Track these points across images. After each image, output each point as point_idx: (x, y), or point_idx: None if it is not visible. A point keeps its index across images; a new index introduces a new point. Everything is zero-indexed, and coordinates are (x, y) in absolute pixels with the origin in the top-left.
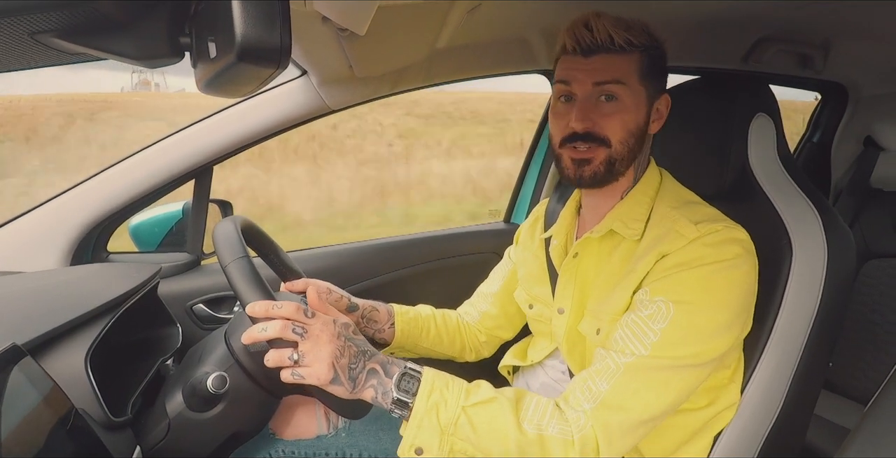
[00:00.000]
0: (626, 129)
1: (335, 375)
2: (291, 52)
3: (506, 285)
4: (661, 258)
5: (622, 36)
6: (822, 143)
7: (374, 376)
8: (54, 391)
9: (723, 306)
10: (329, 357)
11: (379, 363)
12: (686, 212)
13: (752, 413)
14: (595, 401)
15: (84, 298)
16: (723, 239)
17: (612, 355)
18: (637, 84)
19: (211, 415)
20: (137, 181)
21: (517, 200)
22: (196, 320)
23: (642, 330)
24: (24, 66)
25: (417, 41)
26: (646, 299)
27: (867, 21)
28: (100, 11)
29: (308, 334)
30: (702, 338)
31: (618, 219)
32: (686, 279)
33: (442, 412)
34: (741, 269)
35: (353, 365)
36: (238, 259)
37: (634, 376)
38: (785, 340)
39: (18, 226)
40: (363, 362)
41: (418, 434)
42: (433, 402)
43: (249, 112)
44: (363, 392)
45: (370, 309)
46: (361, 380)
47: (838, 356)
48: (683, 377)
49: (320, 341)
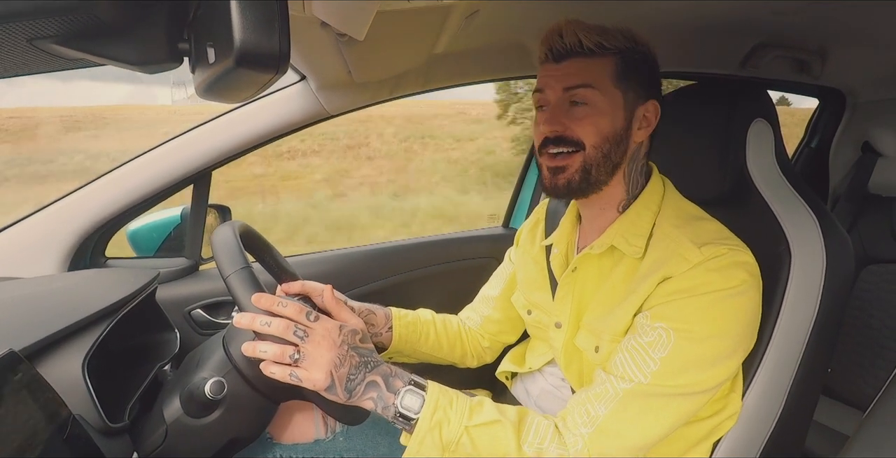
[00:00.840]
0: (600, 133)
1: (332, 383)
2: (290, 58)
3: (507, 289)
4: (664, 281)
5: (592, 40)
6: (820, 148)
7: (374, 389)
8: (52, 397)
9: (724, 335)
10: (327, 365)
11: (381, 376)
12: (689, 231)
13: (752, 419)
14: (593, 426)
15: (82, 303)
16: (727, 264)
17: (612, 379)
18: (611, 88)
19: (208, 421)
20: (135, 186)
21: (516, 204)
22: (194, 325)
23: (643, 358)
24: (23, 73)
25: (416, 46)
26: (646, 324)
27: (865, 27)
28: (98, 17)
29: (309, 339)
30: (702, 367)
31: (619, 234)
32: (688, 307)
33: (445, 431)
34: (746, 295)
35: (352, 376)
36: (240, 270)
37: (632, 403)
38: (784, 345)
39: (16, 231)
40: (363, 374)
41: (420, 450)
42: (436, 420)
43: (248, 117)
44: (362, 403)
45: (367, 312)
46: (359, 391)
47: (837, 362)
48: (682, 405)
49: (321, 347)
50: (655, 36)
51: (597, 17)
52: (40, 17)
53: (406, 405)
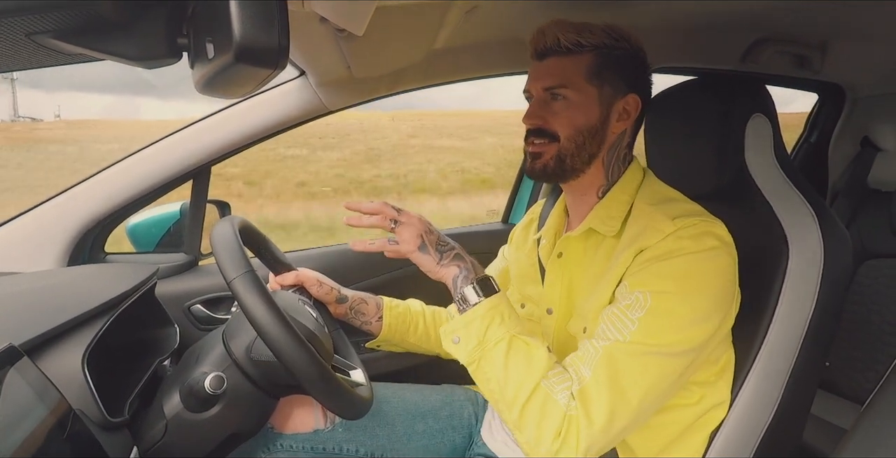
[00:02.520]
0: (574, 126)
1: (422, 243)
2: (289, 53)
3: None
4: (639, 253)
5: (570, 39)
6: (820, 143)
7: (461, 260)
8: (51, 392)
9: (699, 295)
10: (418, 229)
11: (465, 255)
12: (664, 208)
13: (748, 413)
14: (580, 384)
15: (81, 298)
16: (699, 232)
17: (592, 341)
18: (585, 84)
19: (208, 416)
20: (135, 181)
21: (515, 200)
22: (193, 320)
23: (621, 321)
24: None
25: (415, 42)
26: (625, 292)
27: (864, 22)
28: (97, 12)
29: (402, 215)
30: (680, 326)
31: (596, 217)
32: (662, 270)
33: (492, 328)
34: (718, 260)
35: (441, 243)
36: (243, 274)
37: (613, 360)
38: (781, 339)
39: (16, 226)
40: (450, 248)
41: (459, 331)
42: (492, 315)
43: (247, 112)
44: (448, 268)
45: (359, 301)
46: (448, 257)
47: (835, 356)
48: (661, 365)
49: (412, 219)
50: (656, 31)
51: (594, 13)
52: (41, 12)
53: (481, 285)
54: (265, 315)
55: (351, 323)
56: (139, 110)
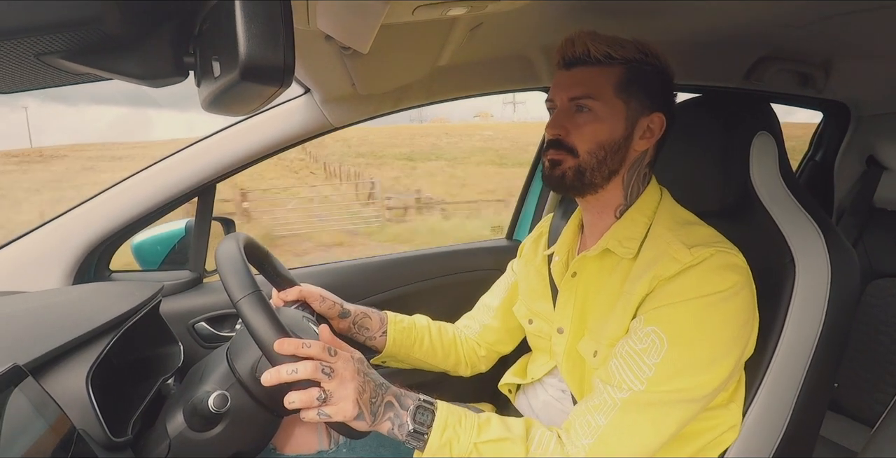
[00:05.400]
0: (596, 140)
1: (359, 411)
2: (295, 71)
3: (507, 299)
4: (656, 284)
5: (600, 50)
6: (825, 162)
7: (390, 409)
8: (55, 412)
9: (717, 339)
10: (354, 394)
11: (394, 396)
12: (681, 234)
13: (757, 434)
14: (594, 436)
15: (86, 317)
16: (718, 266)
17: (610, 390)
18: (612, 97)
19: (212, 435)
20: (140, 200)
21: (519, 216)
22: (198, 338)
23: (637, 364)
24: (30, 88)
25: (420, 59)
26: (640, 329)
27: (868, 41)
28: (104, 32)
29: (334, 374)
30: (696, 372)
31: (613, 238)
32: (680, 312)
33: (455, 448)
34: (738, 297)
35: (373, 400)
36: (250, 294)
37: (630, 412)
38: (789, 360)
39: (21, 245)
40: (381, 396)
41: None
42: (447, 438)
43: (253, 130)
44: (381, 425)
45: (362, 316)
46: (381, 413)
47: (844, 377)
48: (678, 411)
49: (345, 379)
50: (661, 49)
51: (599, 31)
52: (49, 32)
53: (419, 419)
54: (272, 337)
55: (354, 338)
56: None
